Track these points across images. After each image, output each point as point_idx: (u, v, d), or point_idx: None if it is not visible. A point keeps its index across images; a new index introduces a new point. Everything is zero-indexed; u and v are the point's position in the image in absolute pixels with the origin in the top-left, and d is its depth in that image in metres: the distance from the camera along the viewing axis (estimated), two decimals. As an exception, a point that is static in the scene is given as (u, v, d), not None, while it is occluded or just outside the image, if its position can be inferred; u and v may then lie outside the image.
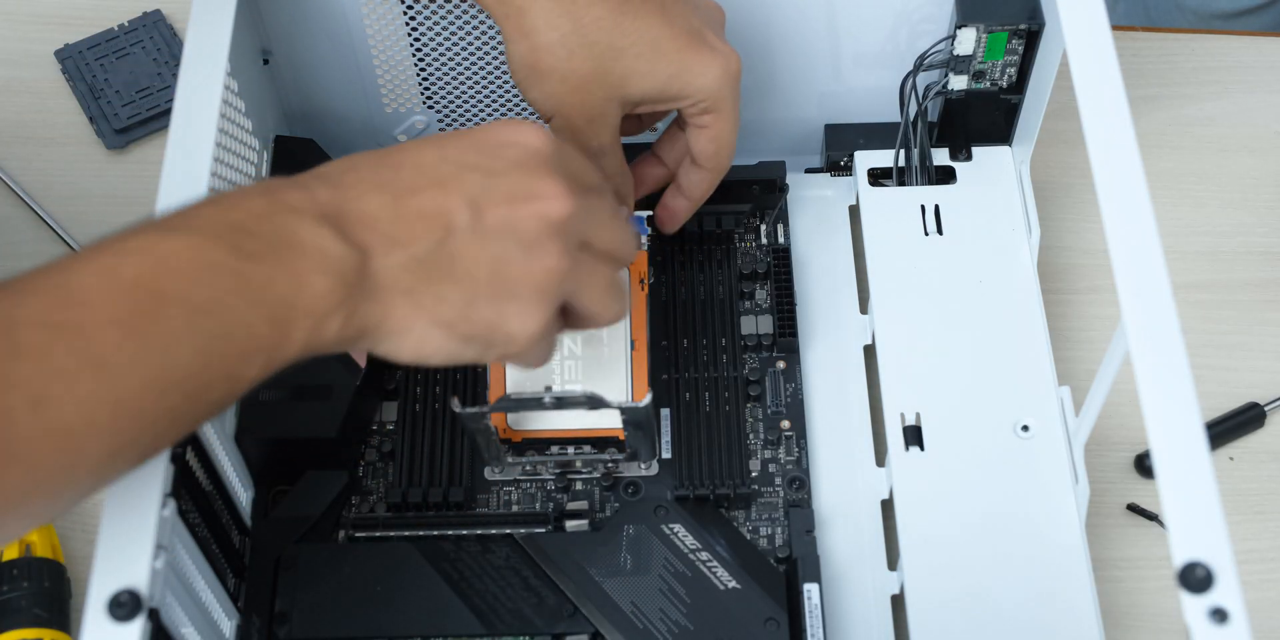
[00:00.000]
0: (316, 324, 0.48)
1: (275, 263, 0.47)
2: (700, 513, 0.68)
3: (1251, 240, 0.82)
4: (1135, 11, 1.18)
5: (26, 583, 0.68)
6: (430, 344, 0.51)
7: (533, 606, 0.65)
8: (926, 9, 0.74)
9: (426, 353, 0.52)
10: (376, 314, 0.49)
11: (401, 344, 0.51)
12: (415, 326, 0.50)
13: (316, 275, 0.47)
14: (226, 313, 0.46)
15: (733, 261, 0.76)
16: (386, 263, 0.49)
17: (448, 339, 0.51)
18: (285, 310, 0.47)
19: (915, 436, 0.70)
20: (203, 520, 0.61)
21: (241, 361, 0.46)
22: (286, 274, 0.47)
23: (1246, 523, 0.73)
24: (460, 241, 0.50)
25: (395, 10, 0.73)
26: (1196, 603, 0.49)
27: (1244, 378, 0.77)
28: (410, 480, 0.70)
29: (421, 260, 0.50)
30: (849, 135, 0.81)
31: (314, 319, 0.48)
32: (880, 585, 0.69)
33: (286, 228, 0.48)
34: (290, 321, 0.47)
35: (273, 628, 0.65)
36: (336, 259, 0.48)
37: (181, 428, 0.47)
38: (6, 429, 0.41)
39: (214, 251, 0.46)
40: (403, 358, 0.52)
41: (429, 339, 0.51)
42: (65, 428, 0.42)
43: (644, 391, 0.68)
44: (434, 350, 0.51)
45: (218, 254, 0.46)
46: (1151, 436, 0.53)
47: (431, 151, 0.52)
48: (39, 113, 0.87)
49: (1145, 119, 0.85)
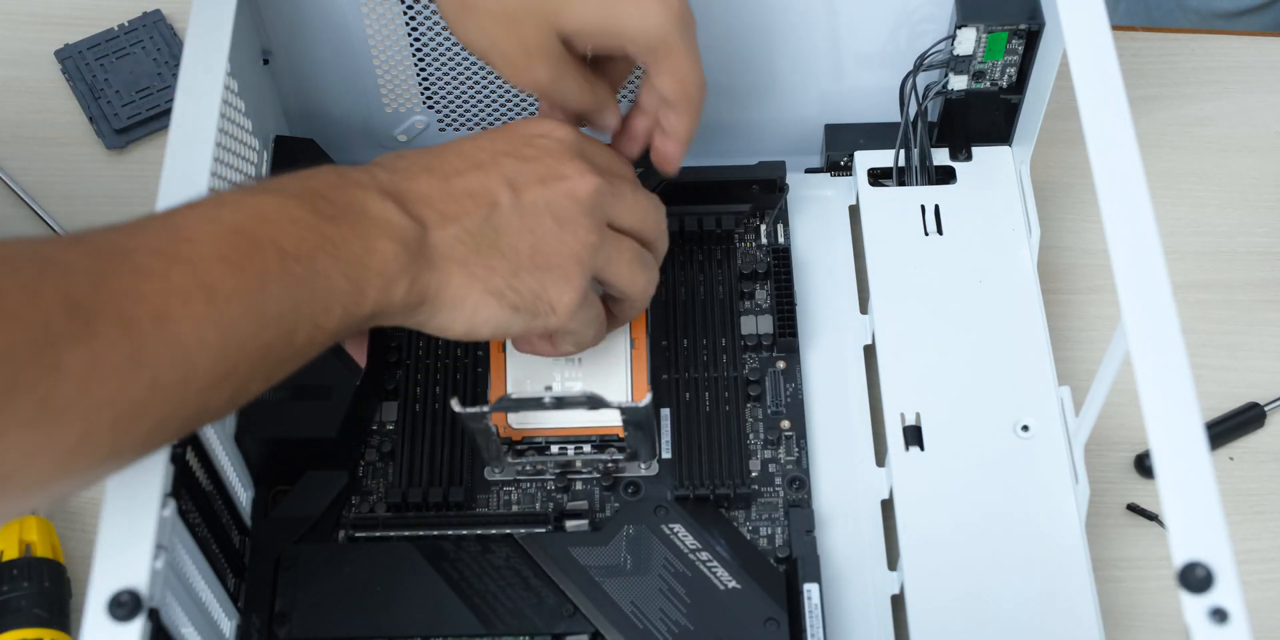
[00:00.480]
0: (386, 285, 0.53)
1: (349, 226, 0.52)
2: (700, 513, 0.68)
3: (1251, 240, 0.82)
4: (1136, 10, 1.18)
5: (26, 583, 0.68)
6: (483, 313, 0.56)
7: (533, 606, 0.65)
8: (926, 9, 0.74)
9: (478, 322, 0.56)
10: (436, 282, 0.55)
11: (457, 314, 0.56)
12: (470, 295, 0.55)
13: (384, 240, 0.53)
14: (310, 261, 0.50)
15: (733, 261, 0.76)
16: (443, 235, 0.54)
17: (499, 308, 0.56)
18: (359, 268, 0.52)
19: (915, 436, 0.70)
20: (203, 520, 0.61)
21: (323, 310, 0.51)
22: (359, 236, 0.52)
23: (1246, 523, 0.73)
24: (503, 217, 0.56)
25: (395, 10, 0.73)
26: (1196, 603, 0.49)
27: (1244, 378, 0.77)
28: (410, 480, 0.70)
29: (472, 233, 0.55)
30: (849, 135, 0.81)
31: (384, 279, 0.53)
32: (880, 585, 0.69)
33: (356, 198, 0.53)
34: (364, 279, 0.52)
35: (273, 628, 0.65)
36: (400, 228, 0.53)
37: (271, 368, 0.50)
38: (135, 338, 0.45)
39: (298, 209, 0.51)
40: (455, 329, 0.56)
41: (482, 308, 0.56)
42: (182, 342, 0.46)
43: (644, 391, 0.68)
44: (485, 319, 0.56)
45: (301, 212, 0.51)
46: (1151, 436, 0.53)
47: (469, 143, 0.58)
48: (39, 113, 0.87)
49: (1145, 119, 0.86)
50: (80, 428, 0.44)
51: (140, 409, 0.45)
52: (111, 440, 0.45)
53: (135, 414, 0.45)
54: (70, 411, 0.43)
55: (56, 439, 0.43)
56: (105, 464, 0.47)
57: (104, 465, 0.47)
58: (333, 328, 0.51)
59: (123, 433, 0.45)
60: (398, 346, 0.74)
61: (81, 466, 0.45)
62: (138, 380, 0.45)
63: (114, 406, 0.44)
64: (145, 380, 0.45)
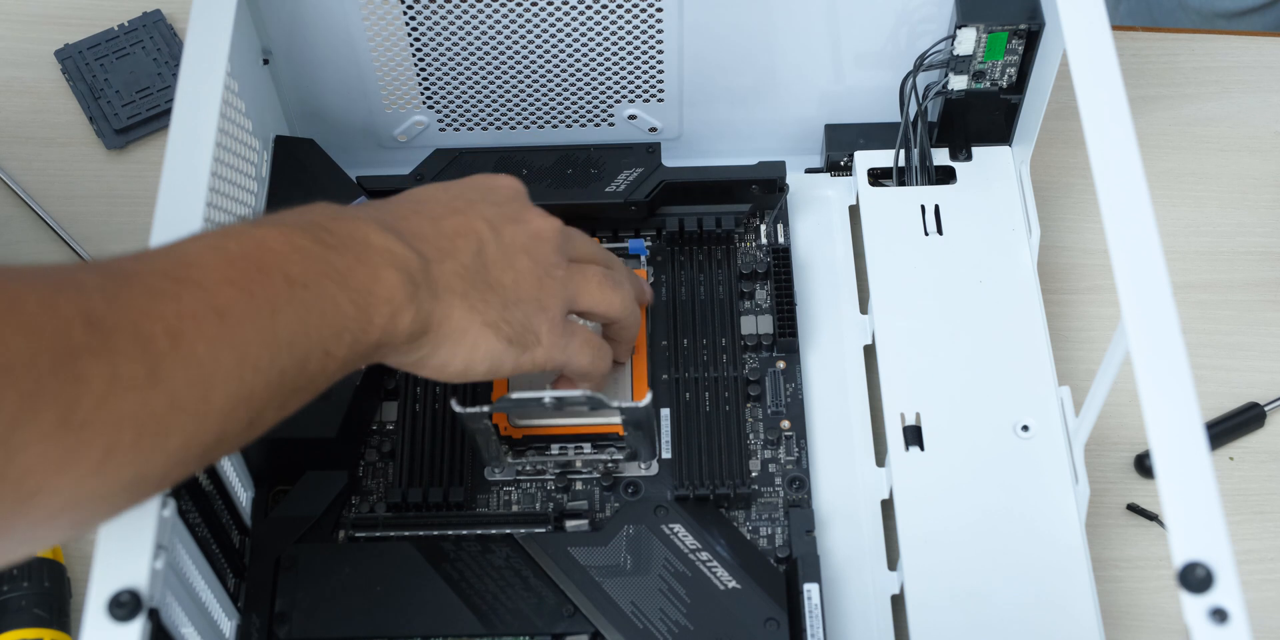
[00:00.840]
0: (393, 313, 0.53)
1: (353, 256, 0.53)
2: (700, 513, 0.68)
3: (1251, 240, 0.82)
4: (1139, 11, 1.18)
5: (27, 583, 0.68)
6: (482, 346, 0.57)
7: (533, 606, 0.65)
8: (926, 9, 0.74)
9: (477, 358, 0.57)
10: (440, 312, 0.56)
11: (457, 348, 0.57)
12: (471, 327, 0.57)
13: (389, 269, 0.53)
14: (318, 287, 0.51)
15: (733, 261, 0.76)
16: (443, 269, 0.56)
17: (496, 340, 0.58)
18: (365, 295, 0.52)
19: (915, 436, 0.70)
20: (203, 520, 0.62)
21: (333, 336, 0.51)
22: (363, 265, 0.53)
23: (1246, 523, 0.73)
24: (489, 254, 0.59)
25: (395, 10, 0.73)
26: (1196, 603, 0.49)
27: (1244, 378, 0.77)
28: (410, 480, 0.70)
29: (468, 267, 0.57)
30: (849, 135, 0.81)
31: (391, 307, 0.53)
32: (880, 585, 0.69)
33: (358, 229, 0.54)
34: (371, 306, 0.52)
35: (273, 628, 0.65)
36: (404, 258, 0.54)
37: (286, 396, 0.50)
38: (152, 354, 0.45)
39: (301, 239, 0.51)
40: (454, 366, 0.57)
41: (481, 340, 0.57)
42: (198, 360, 0.46)
43: (644, 391, 0.68)
44: (484, 353, 0.58)
45: (305, 241, 0.51)
46: (1151, 436, 0.53)
47: (440, 191, 0.61)
48: (39, 113, 0.87)
49: (1145, 119, 0.86)
50: (103, 443, 0.44)
51: (161, 427, 0.45)
52: (135, 459, 0.45)
53: (156, 432, 0.45)
54: (93, 425, 0.43)
55: (80, 454, 0.43)
56: (131, 489, 0.46)
57: (130, 490, 0.46)
58: (343, 355, 0.52)
59: (145, 452, 0.45)
60: (398, 346, 0.74)
61: (107, 488, 0.45)
62: (157, 397, 0.45)
63: (135, 423, 0.44)
64: (164, 397, 0.45)
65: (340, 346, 0.51)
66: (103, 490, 0.45)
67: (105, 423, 0.43)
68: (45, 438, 0.42)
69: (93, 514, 0.46)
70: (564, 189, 0.76)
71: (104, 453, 0.44)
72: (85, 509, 0.45)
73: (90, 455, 0.43)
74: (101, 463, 0.44)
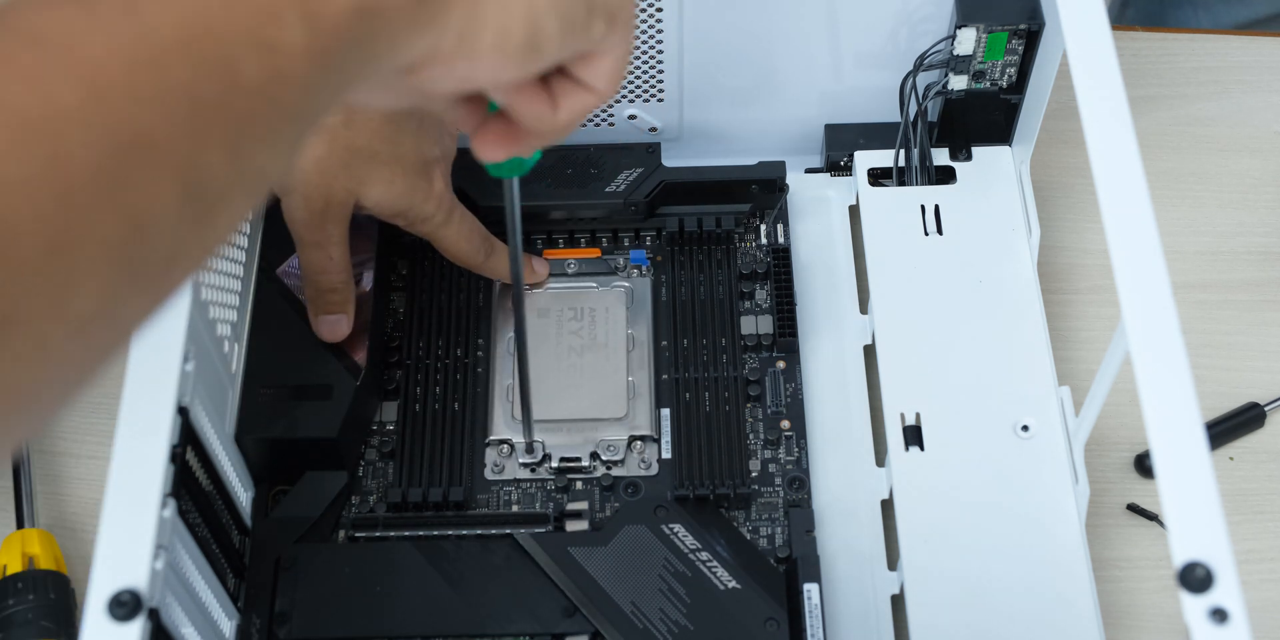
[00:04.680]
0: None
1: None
2: (700, 513, 0.68)
3: (1251, 240, 0.82)
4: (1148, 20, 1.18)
5: (32, 596, 0.68)
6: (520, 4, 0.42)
7: (533, 606, 0.65)
8: (926, 9, 0.74)
9: (513, 22, 0.42)
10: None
11: (488, 5, 0.42)
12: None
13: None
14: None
15: (733, 261, 0.76)
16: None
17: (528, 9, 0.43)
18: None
19: (915, 436, 0.70)
20: (203, 520, 0.61)
21: (270, 19, 0.35)
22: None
23: (1246, 523, 0.73)
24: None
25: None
26: (1196, 603, 0.49)
27: (1244, 378, 0.77)
28: (410, 480, 0.70)
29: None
30: (849, 135, 0.81)
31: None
32: (880, 585, 0.69)
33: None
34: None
35: (273, 628, 0.65)
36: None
37: (237, 123, 0.35)
38: (79, 47, 0.33)
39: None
40: (484, 39, 0.42)
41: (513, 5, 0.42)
42: (127, 51, 0.33)
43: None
44: (523, 15, 0.42)
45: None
46: (1151, 436, 0.53)
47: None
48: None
49: (1145, 119, 0.85)
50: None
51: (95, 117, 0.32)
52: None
53: (82, 122, 0.32)
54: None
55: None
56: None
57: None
58: (291, 42, 0.36)
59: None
60: (398, 346, 0.74)
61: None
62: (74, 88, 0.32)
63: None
64: (83, 89, 0.32)
65: (284, 29, 0.35)
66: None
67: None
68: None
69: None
70: (564, 189, 0.76)
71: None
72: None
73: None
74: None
